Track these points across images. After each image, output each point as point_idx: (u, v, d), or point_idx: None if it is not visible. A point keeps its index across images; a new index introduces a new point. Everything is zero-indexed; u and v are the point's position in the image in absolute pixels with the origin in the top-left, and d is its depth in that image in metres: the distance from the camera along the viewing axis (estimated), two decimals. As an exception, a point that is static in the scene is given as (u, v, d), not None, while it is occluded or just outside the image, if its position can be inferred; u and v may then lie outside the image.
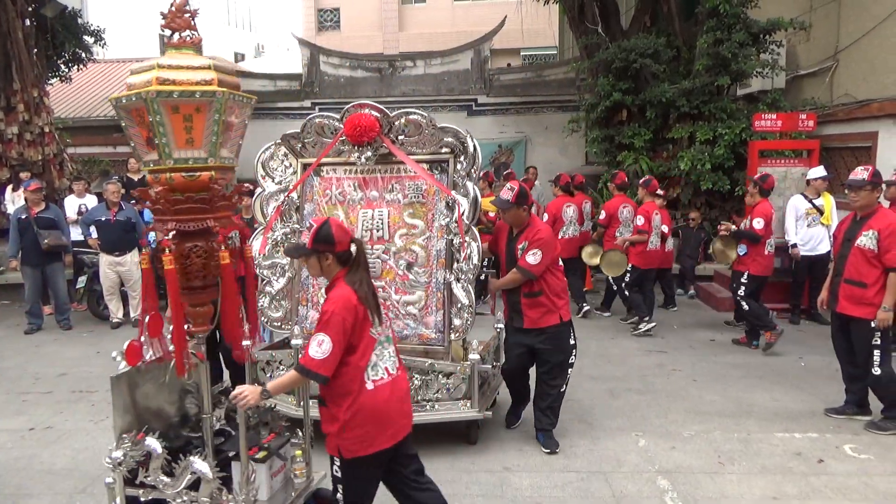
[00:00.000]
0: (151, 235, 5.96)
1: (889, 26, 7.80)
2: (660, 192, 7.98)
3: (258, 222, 4.90)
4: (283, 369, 4.51)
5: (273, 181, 4.88)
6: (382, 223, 4.67)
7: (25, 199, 8.06)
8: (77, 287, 8.66)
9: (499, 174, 13.43)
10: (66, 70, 12.79)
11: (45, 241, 7.75)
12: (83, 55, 12.65)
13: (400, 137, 4.50)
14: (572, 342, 4.55)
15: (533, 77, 14.03)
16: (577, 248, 8.14)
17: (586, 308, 8.29)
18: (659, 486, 4.06)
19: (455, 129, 4.42)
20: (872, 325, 4.65)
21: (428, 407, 4.45)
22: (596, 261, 7.93)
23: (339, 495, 3.03)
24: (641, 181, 7.99)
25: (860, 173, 4.75)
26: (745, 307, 6.67)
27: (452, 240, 4.47)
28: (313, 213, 4.80)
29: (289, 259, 4.72)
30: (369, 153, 4.50)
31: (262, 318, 4.75)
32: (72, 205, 9.04)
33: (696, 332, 7.55)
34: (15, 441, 4.87)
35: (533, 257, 4.32)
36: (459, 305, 4.43)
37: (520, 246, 4.41)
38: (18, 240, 7.82)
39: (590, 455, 4.48)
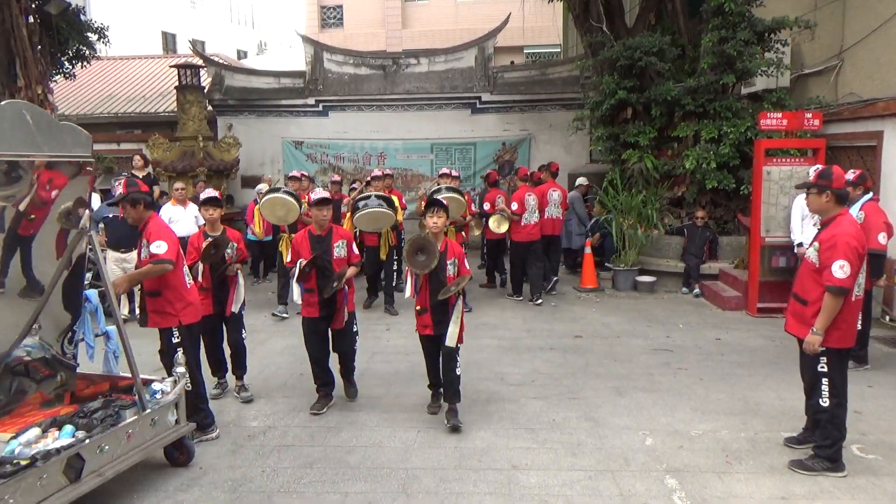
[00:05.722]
0: None
1: (895, 25, 7.78)
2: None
3: None
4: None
5: None
6: None
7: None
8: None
9: (503, 171, 13.46)
10: (70, 67, 12.80)
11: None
12: (87, 52, 12.67)
13: None
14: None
15: (537, 75, 14.01)
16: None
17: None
18: (667, 485, 4.07)
19: None
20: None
21: None
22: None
23: None
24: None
25: (811, 173, 4.31)
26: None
27: None
28: None
29: None
30: None
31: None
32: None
33: (702, 331, 7.54)
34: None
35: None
36: None
37: None
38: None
39: (597, 453, 4.48)
